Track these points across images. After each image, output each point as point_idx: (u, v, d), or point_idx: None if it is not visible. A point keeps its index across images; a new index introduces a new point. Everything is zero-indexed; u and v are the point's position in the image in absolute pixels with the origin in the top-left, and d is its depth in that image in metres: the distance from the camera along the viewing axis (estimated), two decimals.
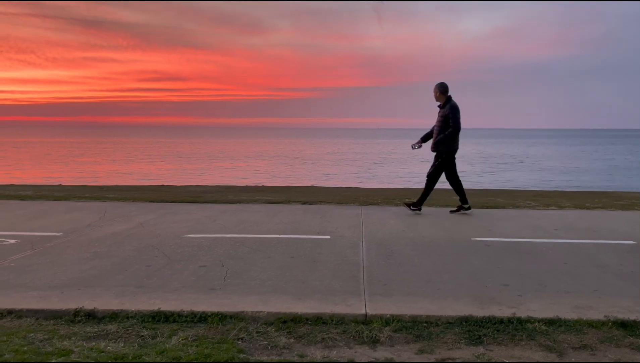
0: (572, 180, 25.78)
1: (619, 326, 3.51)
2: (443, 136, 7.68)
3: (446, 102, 7.72)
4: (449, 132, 7.63)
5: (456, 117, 7.63)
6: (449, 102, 7.71)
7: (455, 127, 7.61)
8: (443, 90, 7.77)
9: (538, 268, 4.85)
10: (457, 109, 7.68)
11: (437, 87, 7.80)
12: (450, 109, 7.64)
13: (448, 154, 7.77)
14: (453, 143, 7.73)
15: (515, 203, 9.12)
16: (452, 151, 7.77)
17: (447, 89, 7.77)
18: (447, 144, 7.71)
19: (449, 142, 7.70)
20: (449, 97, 7.75)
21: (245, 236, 6.10)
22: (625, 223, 7.21)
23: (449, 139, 7.67)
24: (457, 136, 7.72)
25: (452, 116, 7.61)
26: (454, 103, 7.70)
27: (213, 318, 3.58)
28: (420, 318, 3.60)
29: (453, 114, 7.61)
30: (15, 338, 3.26)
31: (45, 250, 5.40)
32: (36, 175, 25.26)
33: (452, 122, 7.60)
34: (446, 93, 7.77)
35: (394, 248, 5.57)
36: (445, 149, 7.73)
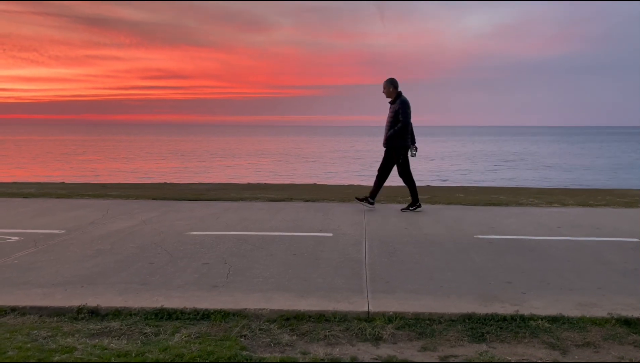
0: (575, 178, 25.73)
1: (623, 323, 3.50)
2: (393, 132, 7.67)
3: (396, 98, 7.73)
4: (399, 128, 7.63)
5: (406, 112, 7.64)
6: (399, 97, 7.71)
7: (404, 122, 7.62)
8: (394, 86, 7.76)
9: (541, 266, 4.85)
10: (407, 105, 7.69)
11: (388, 82, 7.78)
12: (401, 104, 7.65)
13: (399, 150, 7.76)
14: (405, 138, 7.73)
15: (518, 200, 9.10)
16: (402, 146, 7.76)
17: (397, 85, 7.78)
18: (399, 140, 7.71)
19: (400, 137, 7.69)
20: (399, 93, 7.76)
21: (247, 233, 6.11)
22: (628, 220, 7.19)
23: (399, 134, 7.66)
24: (408, 132, 7.74)
25: (402, 111, 7.62)
26: (404, 98, 7.71)
27: (216, 315, 3.58)
28: (423, 316, 3.60)
29: (403, 110, 7.62)
30: (19, 335, 3.26)
31: (48, 247, 5.41)
32: (39, 173, 25.32)
33: (402, 117, 7.61)
34: (397, 88, 7.78)
35: (396, 246, 5.56)
36: (398, 144, 7.72)
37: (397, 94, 7.76)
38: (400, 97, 7.73)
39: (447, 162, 37.41)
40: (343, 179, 23.27)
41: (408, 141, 7.81)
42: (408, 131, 7.76)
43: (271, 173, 27.06)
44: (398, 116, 7.66)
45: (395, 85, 7.78)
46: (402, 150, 7.79)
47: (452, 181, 22.99)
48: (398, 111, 7.66)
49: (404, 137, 7.73)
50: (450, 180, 23.57)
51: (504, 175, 27.19)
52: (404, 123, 7.63)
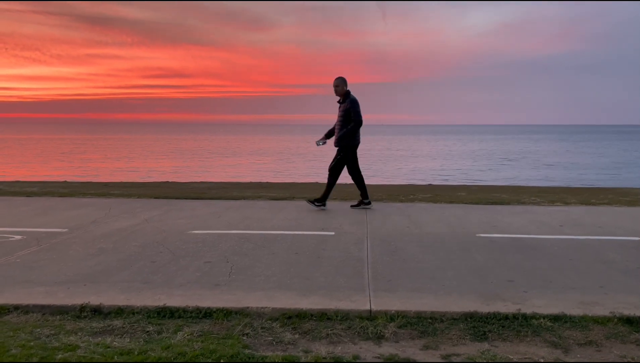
0: (577, 176, 25.70)
1: (625, 322, 3.50)
2: (345, 131, 7.64)
3: (346, 97, 7.69)
4: (352, 127, 7.60)
5: (357, 111, 7.62)
6: (349, 96, 7.67)
7: (356, 121, 7.60)
8: (344, 84, 7.72)
9: (543, 265, 4.84)
10: (357, 103, 7.67)
11: (340, 81, 7.73)
12: (351, 103, 7.61)
13: (350, 149, 7.73)
14: (355, 137, 7.72)
15: (520, 199, 9.09)
16: (354, 145, 7.75)
17: (346, 84, 7.74)
18: (350, 139, 7.69)
19: (351, 136, 7.67)
20: (347, 92, 7.72)
21: (249, 232, 6.11)
22: (631, 219, 7.18)
23: (351, 133, 7.64)
24: (358, 130, 7.72)
25: (354, 110, 7.59)
26: (353, 97, 7.68)
27: (218, 313, 3.59)
28: (425, 314, 3.60)
29: (354, 108, 7.60)
30: (22, 334, 3.27)
31: (51, 246, 5.42)
32: (41, 172, 25.36)
33: (354, 116, 7.58)
34: (346, 86, 7.74)
35: (398, 244, 5.57)
36: (348, 143, 7.70)
37: (346, 93, 7.71)
38: (349, 96, 7.68)
39: (448, 161, 37.38)
40: (345, 178, 23.27)
41: (357, 139, 7.78)
42: (359, 129, 7.72)
43: (273, 172, 27.07)
44: (349, 114, 7.61)
45: (345, 84, 7.73)
46: (353, 148, 7.76)
47: (454, 179, 22.97)
48: (349, 109, 7.61)
49: (355, 135, 7.71)
50: (452, 179, 23.56)
51: (506, 174, 27.16)
52: (356, 122, 7.59)
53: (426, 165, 32.23)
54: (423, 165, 32.60)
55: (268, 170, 28.46)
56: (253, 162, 35.23)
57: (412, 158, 40.51)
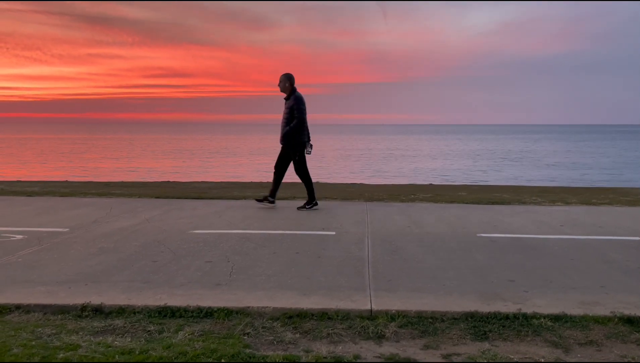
0: (578, 176, 25.69)
1: (625, 322, 3.50)
2: (289, 129, 7.61)
3: (290, 94, 7.65)
4: (295, 124, 7.57)
5: (300, 108, 7.58)
6: (294, 93, 7.63)
7: (299, 119, 7.56)
8: (290, 81, 7.67)
9: (544, 264, 4.85)
10: (302, 101, 7.63)
11: (284, 78, 7.69)
12: (295, 100, 7.58)
13: (295, 147, 7.71)
14: (301, 134, 7.68)
15: (521, 199, 9.09)
16: (299, 143, 7.71)
17: (293, 80, 7.70)
18: (295, 136, 7.65)
19: (296, 134, 7.64)
20: (293, 89, 7.67)
21: (250, 232, 6.12)
22: (631, 219, 7.18)
23: (295, 131, 7.61)
24: (304, 128, 7.67)
25: (297, 108, 7.56)
26: (298, 95, 7.64)
27: (219, 313, 3.60)
28: (426, 314, 3.61)
29: (297, 106, 7.56)
30: (23, 333, 3.28)
31: (52, 245, 5.43)
32: (42, 171, 25.38)
33: (297, 113, 7.55)
34: (293, 84, 7.69)
35: (399, 244, 5.57)
36: (294, 141, 7.67)
37: (291, 90, 7.66)
38: (294, 93, 7.64)
39: (449, 160, 37.37)
40: (346, 177, 23.28)
41: (304, 137, 7.74)
42: (304, 127, 7.69)
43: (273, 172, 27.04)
44: (293, 112, 7.58)
45: (291, 81, 7.68)
46: (298, 147, 7.72)
47: (455, 179, 22.97)
48: (292, 107, 7.58)
49: (300, 133, 7.66)
50: (453, 179, 23.55)
51: (507, 173, 27.16)
52: (299, 120, 7.56)
53: (427, 165, 32.22)
54: (424, 165, 32.60)
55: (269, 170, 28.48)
56: (254, 162, 35.24)
57: (413, 157, 40.51)
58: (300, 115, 7.60)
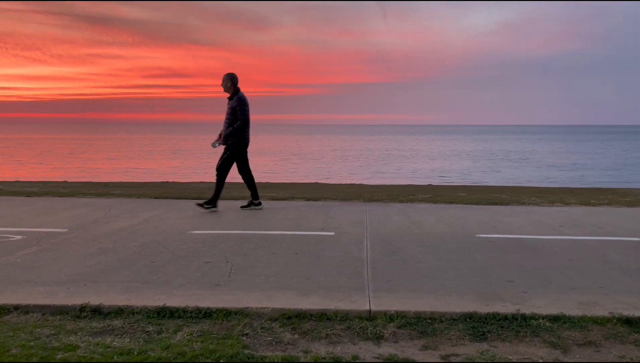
0: (577, 176, 25.70)
1: (624, 323, 3.50)
2: (232, 130, 7.53)
3: (234, 95, 7.57)
4: (238, 126, 7.49)
5: (244, 109, 7.51)
6: (237, 94, 7.55)
7: (243, 120, 7.49)
8: (233, 81, 7.59)
9: (543, 265, 4.85)
10: (245, 102, 7.55)
11: (227, 77, 7.60)
12: (238, 101, 7.50)
13: (238, 148, 7.64)
14: (243, 136, 7.61)
15: (520, 199, 9.10)
16: (242, 144, 7.65)
17: (236, 80, 7.61)
18: (237, 137, 7.58)
19: (238, 135, 7.56)
20: (237, 89, 7.59)
21: (249, 232, 6.12)
22: (631, 219, 7.18)
23: (237, 132, 7.53)
24: (246, 129, 7.62)
25: (240, 109, 7.48)
26: (241, 95, 7.56)
27: (218, 314, 3.60)
28: (425, 315, 3.61)
29: (241, 107, 7.48)
30: (22, 334, 3.28)
31: (51, 245, 5.43)
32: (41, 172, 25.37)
33: (240, 114, 7.47)
34: (236, 84, 7.61)
35: (398, 245, 5.57)
36: (235, 142, 7.60)
37: (235, 91, 7.58)
38: (237, 93, 7.56)
39: (449, 161, 37.38)
40: (345, 178, 23.28)
41: (247, 138, 7.69)
42: (247, 128, 7.62)
43: (272, 172, 27.08)
44: (236, 113, 7.51)
45: (234, 81, 7.59)
46: (241, 147, 7.66)
47: (454, 180, 22.98)
48: (236, 108, 7.50)
49: (243, 134, 7.60)
50: (452, 179, 23.56)
51: (506, 174, 27.17)
52: (242, 121, 7.48)
53: (426, 165, 32.23)
54: (423, 165, 32.60)
55: (268, 170, 28.47)
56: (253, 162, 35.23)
57: (412, 158, 40.52)
58: (244, 116, 7.49)
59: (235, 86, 7.62)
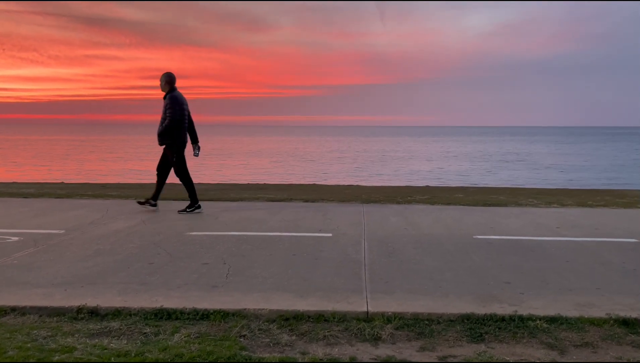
0: (575, 178, 25.76)
1: (621, 324, 3.51)
2: (162, 129, 7.46)
3: (167, 94, 7.49)
4: (167, 124, 7.40)
5: (174, 109, 7.39)
6: (170, 93, 7.47)
7: (171, 119, 7.39)
8: (168, 80, 7.52)
9: (540, 266, 4.86)
10: (177, 101, 7.42)
11: (163, 77, 7.54)
12: (170, 100, 7.42)
13: (178, 148, 7.55)
14: (178, 136, 7.51)
15: (518, 200, 9.11)
16: (178, 144, 7.55)
17: (172, 80, 7.54)
18: (171, 137, 7.47)
19: (171, 135, 7.46)
20: (172, 89, 7.51)
21: (247, 233, 6.12)
22: (628, 221, 7.20)
23: (169, 131, 7.43)
24: (180, 129, 7.50)
25: (170, 107, 7.38)
26: (174, 95, 7.45)
27: (215, 315, 3.59)
28: (422, 316, 3.61)
29: (171, 105, 7.39)
30: (19, 335, 3.27)
31: (48, 247, 5.41)
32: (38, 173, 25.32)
33: (169, 113, 7.39)
34: (172, 84, 7.54)
35: (395, 246, 5.57)
36: (170, 142, 7.50)
37: (170, 90, 7.50)
38: (171, 93, 7.47)
39: (446, 162, 37.43)
40: (343, 179, 23.29)
41: (182, 138, 7.57)
42: (180, 128, 7.50)
43: (270, 173, 27.07)
44: (167, 111, 7.44)
45: (168, 80, 7.52)
46: (176, 148, 7.54)
47: (452, 181, 23.01)
48: (166, 106, 7.43)
49: (177, 134, 7.49)
50: (450, 180, 23.59)
51: (503, 175, 27.22)
52: (170, 120, 7.38)
53: (424, 166, 32.26)
54: (421, 167, 32.62)
55: (266, 171, 28.45)
56: (251, 163, 35.22)
57: (410, 159, 40.55)
58: (173, 115, 7.37)
59: (171, 86, 7.53)
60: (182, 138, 7.59)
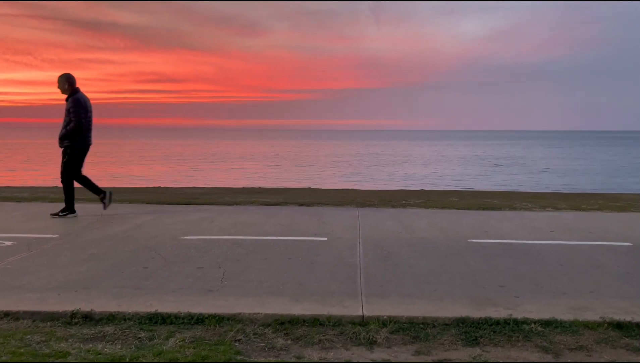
0: (569, 181, 25.87)
1: (615, 327, 3.52)
2: (65, 132, 7.37)
3: (70, 96, 7.42)
4: (71, 127, 7.33)
5: (77, 111, 7.31)
6: (73, 95, 7.39)
7: (76, 122, 7.31)
8: (69, 82, 7.44)
9: (534, 269, 4.87)
10: (80, 103, 7.36)
11: (62, 78, 7.45)
12: (73, 102, 7.34)
13: (79, 150, 7.47)
14: (82, 139, 7.45)
15: (512, 204, 9.14)
16: (83, 146, 7.49)
17: (73, 81, 7.47)
18: (73, 140, 7.40)
19: (73, 137, 7.39)
20: (75, 90, 7.44)
21: (242, 237, 6.10)
22: (621, 224, 7.24)
23: (72, 134, 7.36)
24: (84, 132, 7.44)
25: (74, 110, 7.31)
26: (77, 97, 7.35)
27: (210, 319, 3.58)
28: (417, 320, 3.61)
29: (74, 108, 7.31)
30: (12, 340, 3.25)
31: (41, 251, 5.39)
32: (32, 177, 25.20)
33: (73, 116, 7.31)
34: (73, 85, 7.46)
35: (390, 250, 5.58)
36: (74, 144, 7.43)
37: (72, 91, 7.42)
38: (74, 95, 7.40)
39: (441, 166, 37.52)
40: (338, 183, 23.30)
41: (86, 142, 7.52)
42: (85, 131, 7.44)
43: (265, 177, 27.05)
44: (70, 114, 7.35)
45: (70, 82, 7.44)
46: (77, 150, 7.46)
47: (446, 185, 23.07)
48: (70, 109, 7.35)
49: (81, 138, 7.43)
50: (445, 184, 23.65)
51: (498, 179, 27.31)
52: (75, 123, 7.31)
53: (419, 171, 32.33)
54: (416, 171, 32.69)
55: (261, 175, 28.43)
56: (245, 167, 35.19)
57: (405, 163, 40.63)
58: (77, 118, 7.29)
59: (73, 87, 7.45)
60: (85, 142, 7.52)
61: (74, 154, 7.46)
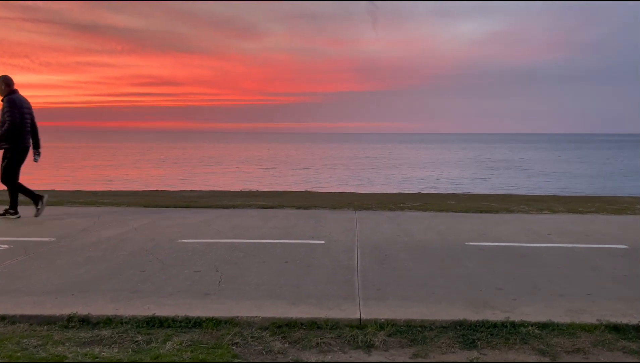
0: (565, 185, 25.93)
1: (612, 330, 3.53)
2: (1, 133, 7.37)
3: (6, 97, 7.44)
4: (5, 128, 7.34)
5: (12, 112, 7.34)
6: (9, 96, 7.42)
7: (10, 122, 7.33)
8: (6, 83, 7.47)
9: (531, 272, 4.88)
10: (15, 104, 7.34)
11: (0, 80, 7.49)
12: (8, 103, 7.37)
13: (19, 152, 7.47)
14: (21, 140, 7.46)
15: (509, 207, 9.16)
16: (22, 148, 7.49)
17: (10, 82, 7.50)
18: (12, 141, 7.40)
19: (11, 139, 7.39)
20: (11, 91, 7.47)
21: (239, 241, 6.10)
22: (618, 227, 7.26)
23: (8, 135, 7.36)
24: (21, 133, 7.44)
25: (8, 111, 7.33)
26: (12, 97, 7.37)
27: (208, 323, 3.58)
28: (415, 323, 3.61)
29: (9, 109, 7.34)
30: (9, 344, 3.24)
31: (38, 255, 5.37)
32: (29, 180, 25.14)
33: (8, 117, 7.33)
34: (10, 86, 7.49)
35: (388, 253, 5.58)
36: (14, 146, 7.43)
37: (8, 92, 7.45)
38: (9, 95, 7.37)
39: (438, 169, 37.57)
40: (335, 186, 23.31)
41: (25, 143, 7.49)
42: (22, 131, 7.41)
43: (263, 180, 27.04)
44: (5, 115, 7.37)
45: (7, 83, 7.47)
46: (17, 152, 7.43)
47: (444, 188, 23.09)
48: (4, 110, 7.37)
49: (19, 139, 7.41)
50: (442, 187, 23.67)
51: (495, 182, 27.35)
52: (10, 123, 7.31)
53: (417, 174, 32.37)
54: (414, 174, 32.73)
55: (258, 178, 28.42)
56: (243, 170, 35.17)
57: (402, 166, 40.67)
58: (13, 118, 7.29)
59: (10, 88, 7.48)
60: (24, 143, 7.52)
61: (13, 157, 7.47)
